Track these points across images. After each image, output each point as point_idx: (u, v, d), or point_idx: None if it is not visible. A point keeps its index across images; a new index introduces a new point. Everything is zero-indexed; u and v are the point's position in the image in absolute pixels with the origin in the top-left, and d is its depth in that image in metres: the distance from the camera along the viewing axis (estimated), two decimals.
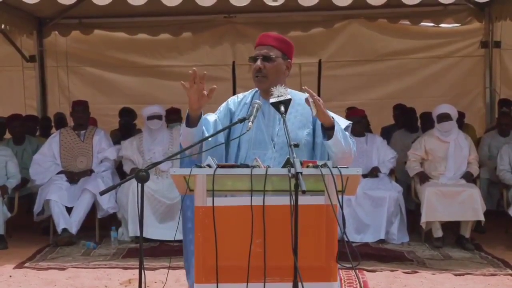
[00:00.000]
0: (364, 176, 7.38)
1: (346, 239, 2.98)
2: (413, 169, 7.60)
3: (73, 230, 7.29)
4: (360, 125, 7.73)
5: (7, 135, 8.75)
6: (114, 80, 10.50)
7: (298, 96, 3.57)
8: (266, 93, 3.50)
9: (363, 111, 8.03)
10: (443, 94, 9.71)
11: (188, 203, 3.66)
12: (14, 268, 6.25)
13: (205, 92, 3.33)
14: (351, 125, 3.60)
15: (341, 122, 3.55)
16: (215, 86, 3.34)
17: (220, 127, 3.53)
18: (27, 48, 10.17)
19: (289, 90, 3.45)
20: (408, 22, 9.80)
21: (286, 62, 3.57)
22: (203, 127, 3.47)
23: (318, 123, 3.52)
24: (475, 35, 9.85)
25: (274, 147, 3.52)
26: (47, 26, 10.01)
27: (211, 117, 3.59)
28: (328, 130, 3.39)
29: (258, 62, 3.51)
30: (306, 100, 3.33)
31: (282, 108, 3.28)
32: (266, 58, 3.51)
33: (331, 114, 3.62)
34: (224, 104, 3.69)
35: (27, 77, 10.50)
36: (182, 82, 3.34)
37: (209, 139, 3.40)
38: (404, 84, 10.09)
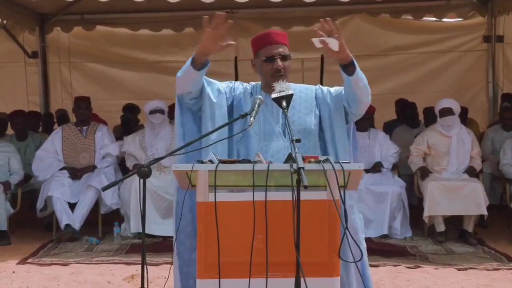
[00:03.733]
0: (367, 171, 7.38)
1: (348, 234, 2.98)
2: (415, 164, 7.59)
3: (77, 226, 7.31)
4: (368, 121, 7.73)
5: (10, 131, 8.77)
6: (116, 76, 10.51)
7: (299, 88, 3.60)
8: (269, 88, 3.49)
9: (374, 109, 7.95)
10: (446, 88, 9.70)
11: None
12: (17, 264, 6.26)
13: (222, 43, 3.32)
14: None
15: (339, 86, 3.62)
16: (234, 42, 3.34)
17: (224, 98, 3.55)
18: (29, 44, 10.19)
19: (290, 84, 3.45)
20: (410, 17, 9.78)
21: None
22: (205, 83, 3.49)
23: (320, 98, 3.57)
24: (477, 29, 9.83)
25: (285, 136, 3.53)
26: (49, 22, 10.02)
27: (215, 84, 3.57)
28: (347, 66, 3.37)
29: (279, 62, 3.51)
30: (322, 41, 3.25)
31: (284, 103, 3.27)
32: (284, 58, 3.53)
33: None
34: (229, 83, 3.67)
35: (29, 73, 10.52)
36: (205, 17, 3.27)
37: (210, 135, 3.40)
38: (406, 79, 10.09)
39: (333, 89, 3.63)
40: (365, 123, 7.69)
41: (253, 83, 3.71)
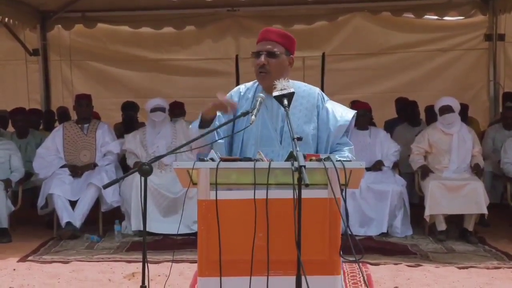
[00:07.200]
0: (368, 169, 7.37)
1: (349, 232, 2.97)
2: (416, 163, 7.59)
3: (77, 223, 7.30)
4: (364, 118, 7.72)
5: (11, 129, 8.76)
6: (117, 74, 10.52)
7: (301, 88, 3.57)
8: (269, 88, 3.48)
9: (368, 104, 8.01)
10: (447, 87, 9.70)
11: None
12: (18, 262, 6.26)
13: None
14: (356, 115, 3.60)
15: (346, 112, 3.55)
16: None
17: (222, 121, 3.52)
18: (31, 42, 10.19)
19: (292, 82, 3.43)
20: (411, 15, 9.77)
21: (288, 58, 3.55)
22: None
23: (322, 117, 3.52)
24: (479, 28, 9.83)
25: (281, 143, 3.51)
26: (51, 20, 10.02)
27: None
28: None
29: (262, 58, 3.47)
30: None
31: (285, 101, 3.26)
32: (270, 54, 3.48)
33: (336, 104, 3.62)
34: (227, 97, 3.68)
35: (30, 71, 10.52)
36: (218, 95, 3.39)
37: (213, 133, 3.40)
38: (408, 78, 10.09)
39: (339, 116, 3.55)
40: (362, 120, 7.67)
41: (256, 81, 3.67)
